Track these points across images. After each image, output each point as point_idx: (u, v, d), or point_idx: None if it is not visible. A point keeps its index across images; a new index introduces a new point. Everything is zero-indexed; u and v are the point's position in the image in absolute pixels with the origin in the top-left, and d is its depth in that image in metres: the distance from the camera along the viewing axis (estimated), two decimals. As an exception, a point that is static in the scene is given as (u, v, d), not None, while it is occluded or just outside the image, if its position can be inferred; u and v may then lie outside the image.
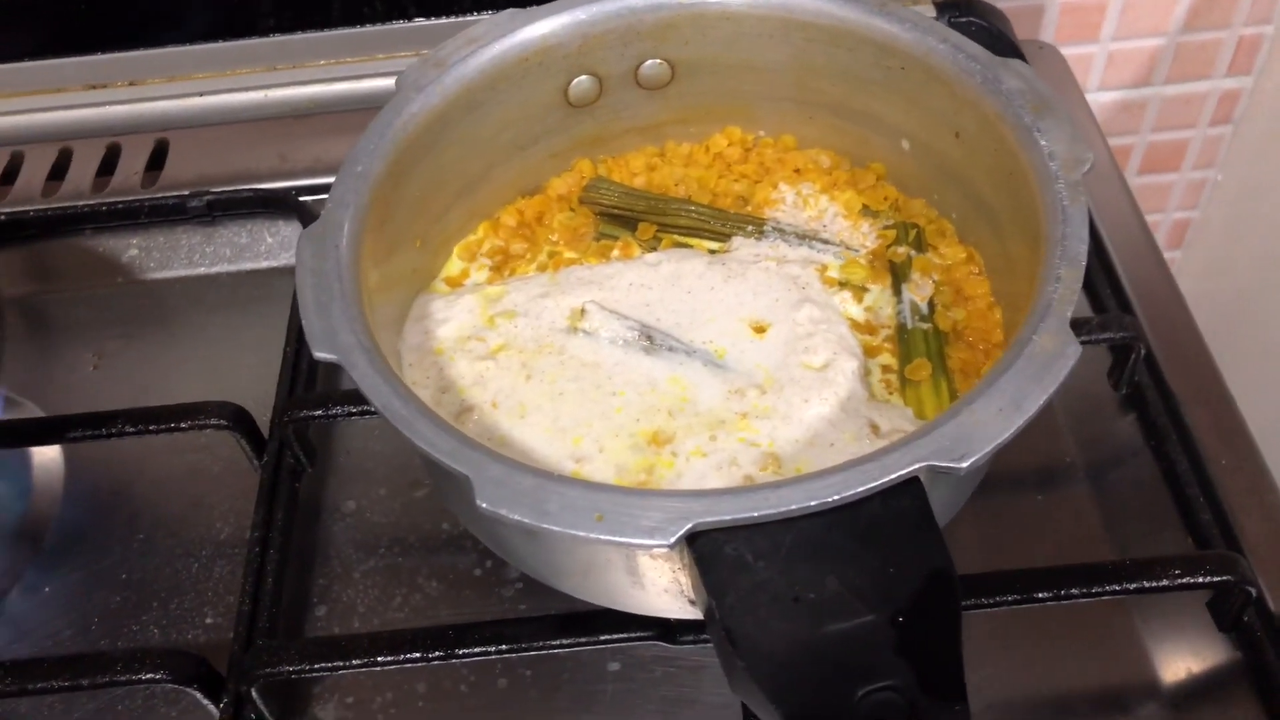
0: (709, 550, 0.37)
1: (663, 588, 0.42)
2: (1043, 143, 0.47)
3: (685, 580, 0.41)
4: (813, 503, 0.37)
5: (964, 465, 0.37)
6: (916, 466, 0.37)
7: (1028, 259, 0.47)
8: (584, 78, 0.57)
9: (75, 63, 0.76)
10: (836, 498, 0.37)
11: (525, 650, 0.49)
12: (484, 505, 0.37)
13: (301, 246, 0.46)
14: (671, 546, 0.36)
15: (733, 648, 0.35)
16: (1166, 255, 0.68)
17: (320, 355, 0.42)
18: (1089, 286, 0.62)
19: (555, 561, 0.46)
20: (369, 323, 0.44)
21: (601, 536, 0.37)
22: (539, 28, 0.54)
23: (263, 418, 0.59)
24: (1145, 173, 1.00)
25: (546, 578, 0.47)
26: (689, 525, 0.36)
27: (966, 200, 0.54)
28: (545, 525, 0.37)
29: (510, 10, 0.55)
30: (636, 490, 0.38)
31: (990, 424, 0.38)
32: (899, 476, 0.37)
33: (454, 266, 0.58)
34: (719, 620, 0.36)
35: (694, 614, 0.43)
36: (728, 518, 0.37)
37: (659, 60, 0.57)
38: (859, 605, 0.36)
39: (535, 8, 0.55)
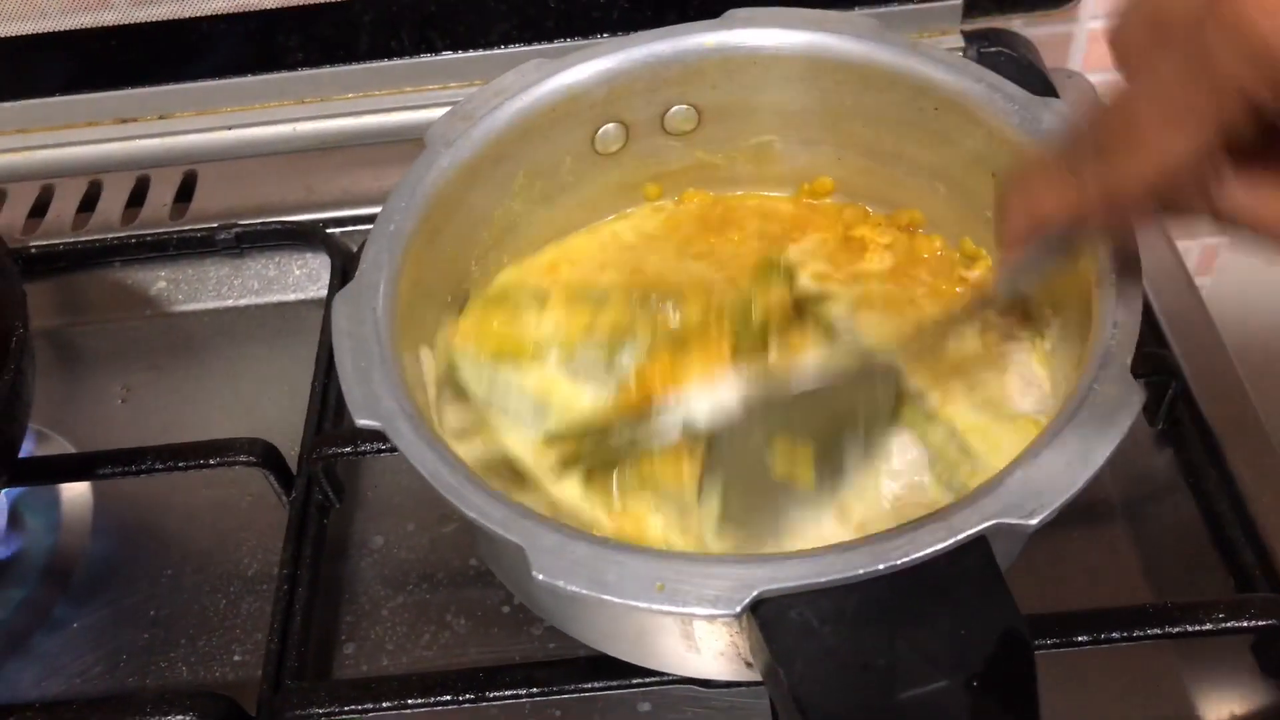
0: (773, 616, 0.36)
1: (718, 651, 0.41)
2: None
3: (743, 644, 0.40)
4: (880, 566, 0.36)
5: (1034, 522, 0.36)
6: (985, 525, 0.36)
7: (1073, 300, 0.46)
8: (611, 126, 0.56)
9: (105, 97, 0.77)
10: (903, 560, 0.36)
11: (557, 694, 0.48)
12: (540, 576, 0.36)
13: (337, 310, 0.45)
14: (737, 616, 0.35)
15: (803, 717, 0.34)
16: (1196, 281, 0.67)
17: (362, 423, 0.42)
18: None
19: (605, 627, 0.45)
20: (409, 381, 0.43)
21: (665, 608, 0.36)
22: (565, 77, 0.54)
23: (290, 450, 0.59)
24: (1173, 199, 0.99)
25: (593, 641, 0.46)
26: (755, 593, 0.35)
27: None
28: (605, 596, 0.36)
29: (536, 60, 0.55)
30: (698, 557, 0.37)
31: (1058, 477, 0.37)
32: (967, 536, 0.36)
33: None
34: (788, 689, 0.35)
35: (749, 676, 0.42)
36: (793, 584, 0.36)
37: (685, 105, 0.57)
38: (931, 670, 0.34)
39: (561, 58, 0.55)
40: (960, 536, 0.36)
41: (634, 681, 0.48)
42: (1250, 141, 0.31)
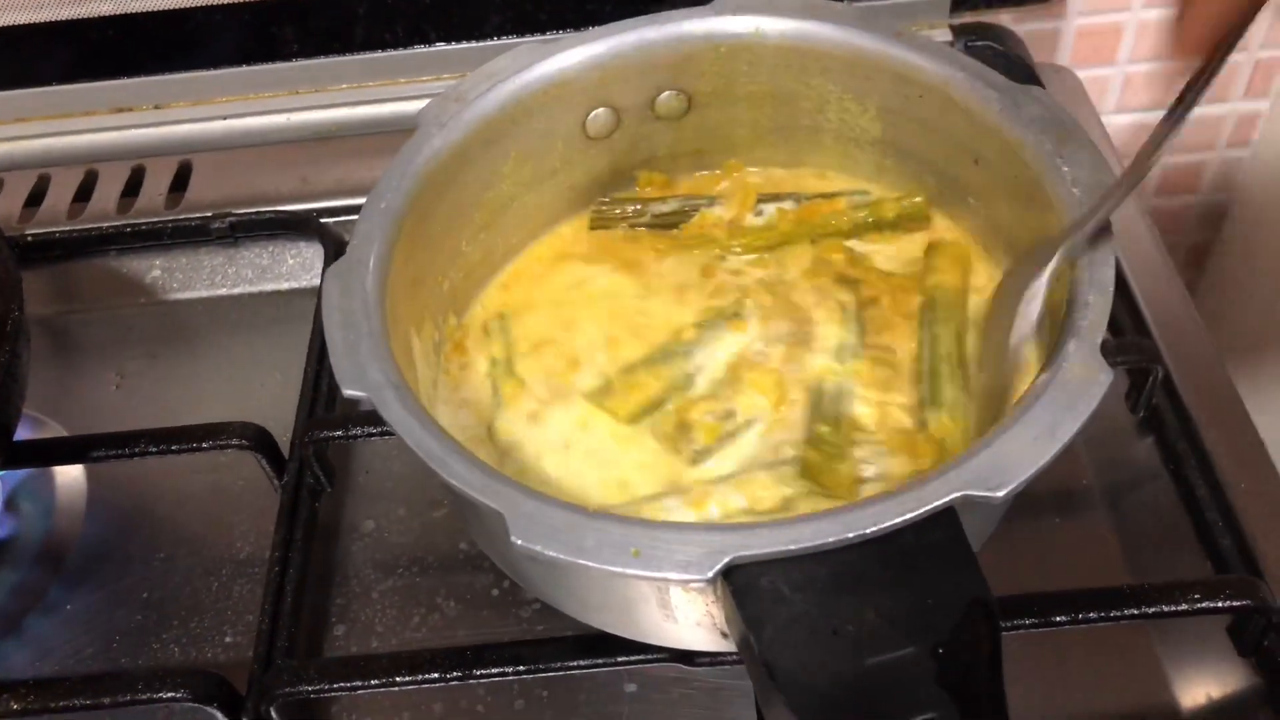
0: (745, 583, 0.36)
1: (695, 621, 0.42)
2: (1065, 169, 0.47)
3: (718, 613, 0.41)
4: (850, 534, 0.37)
5: (1000, 494, 0.37)
6: (953, 496, 0.37)
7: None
8: (601, 110, 0.57)
9: (101, 87, 0.78)
10: (873, 529, 0.37)
11: (543, 671, 0.49)
12: (519, 542, 0.37)
13: (327, 284, 0.46)
14: (709, 581, 0.36)
15: (773, 682, 0.35)
16: (1184, 278, 0.68)
17: (349, 393, 0.42)
18: (1106, 310, 0.62)
19: (585, 596, 0.46)
20: (398, 359, 0.44)
21: (639, 572, 0.36)
22: (557, 61, 0.55)
23: (283, 437, 0.60)
24: (1162, 195, 1.00)
25: (575, 611, 0.47)
26: (726, 559, 0.36)
27: (986, 225, 0.54)
28: (581, 561, 0.37)
29: (528, 45, 0.55)
30: (673, 525, 0.38)
31: (1025, 453, 0.38)
32: (935, 507, 0.37)
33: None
34: (758, 654, 0.36)
35: (726, 646, 0.43)
36: (765, 551, 0.36)
37: (676, 91, 0.58)
38: (899, 637, 0.35)
39: (553, 42, 0.55)
40: (928, 507, 0.37)
41: (619, 660, 0.49)
42: None
